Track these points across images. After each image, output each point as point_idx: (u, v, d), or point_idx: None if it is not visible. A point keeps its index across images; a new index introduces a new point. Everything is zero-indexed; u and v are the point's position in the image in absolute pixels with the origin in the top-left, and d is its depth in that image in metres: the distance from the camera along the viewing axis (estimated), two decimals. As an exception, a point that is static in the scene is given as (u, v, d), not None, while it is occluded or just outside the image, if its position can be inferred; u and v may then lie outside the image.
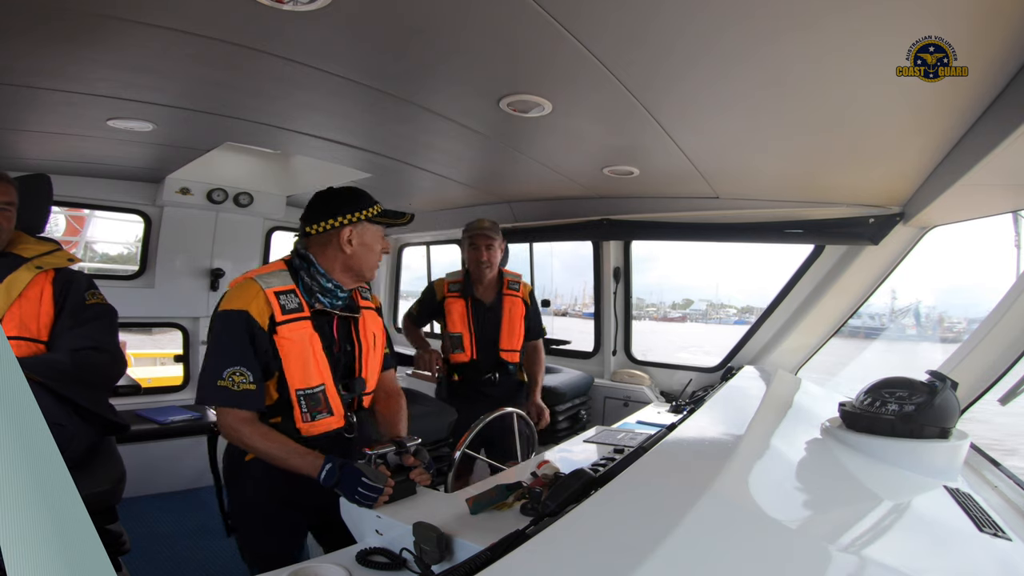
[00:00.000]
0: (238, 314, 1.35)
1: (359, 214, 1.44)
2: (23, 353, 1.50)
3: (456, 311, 2.50)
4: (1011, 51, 1.07)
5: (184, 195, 3.39)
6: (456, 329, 2.49)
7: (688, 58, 1.27)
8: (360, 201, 1.47)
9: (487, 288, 2.53)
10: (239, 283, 1.41)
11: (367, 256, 1.48)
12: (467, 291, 2.51)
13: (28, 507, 0.42)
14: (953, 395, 1.43)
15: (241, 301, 1.36)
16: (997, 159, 1.31)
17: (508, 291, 2.54)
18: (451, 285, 2.54)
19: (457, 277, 2.57)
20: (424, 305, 2.62)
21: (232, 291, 1.39)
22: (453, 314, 2.50)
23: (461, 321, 2.49)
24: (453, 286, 2.54)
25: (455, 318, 2.49)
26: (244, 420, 1.34)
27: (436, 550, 1.01)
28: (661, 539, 0.82)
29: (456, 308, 2.50)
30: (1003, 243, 1.96)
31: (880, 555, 0.94)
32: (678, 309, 17.52)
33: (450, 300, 2.51)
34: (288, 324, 1.38)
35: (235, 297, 1.37)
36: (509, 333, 2.50)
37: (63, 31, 1.37)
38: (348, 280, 1.49)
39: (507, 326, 2.50)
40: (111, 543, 1.57)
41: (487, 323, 2.49)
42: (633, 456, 1.26)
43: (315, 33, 1.31)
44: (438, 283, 2.58)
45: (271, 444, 1.34)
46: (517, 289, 2.56)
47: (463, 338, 2.48)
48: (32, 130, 2.29)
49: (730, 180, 2.32)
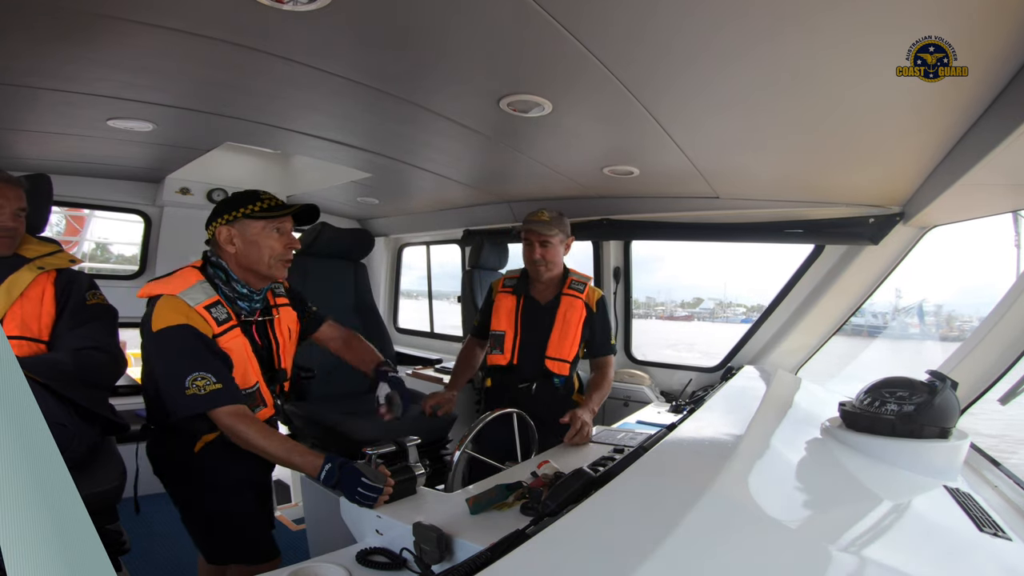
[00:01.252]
0: (180, 328, 1.38)
1: (235, 212, 1.49)
2: (24, 353, 1.50)
3: (504, 308, 2.22)
4: (1011, 51, 1.07)
5: (184, 195, 3.40)
6: (500, 327, 2.20)
7: (687, 56, 1.27)
8: (240, 200, 1.51)
9: (546, 287, 2.22)
10: (165, 301, 1.40)
11: (256, 253, 1.51)
12: (521, 288, 2.24)
13: (28, 507, 0.42)
14: (953, 395, 1.43)
15: (179, 317, 1.38)
16: (997, 159, 1.31)
17: (569, 291, 2.20)
18: (507, 281, 2.30)
19: (515, 273, 2.32)
20: (484, 310, 2.32)
21: (161, 310, 1.39)
22: (500, 311, 2.23)
23: (507, 318, 2.20)
24: (508, 282, 2.29)
25: (501, 315, 2.22)
26: (237, 416, 1.37)
27: (436, 550, 1.01)
28: (661, 539, 0.82)
29: (505, 304, 2.23)
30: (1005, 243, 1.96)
31: (880, 555, 0.94)
32: (687, 308, 17.45)
33: (501, 296, 2.25)
34: (224, 335, 1.45)
35: (168, 314, 1.38)
36: (560, 338, 2.15)
37: (63, 31, 1.37)
38: (254, 280, 1.55)
39: (559, 330, 2.15)
40: (111, 543, 1.57)
41: (537, 324, 2.17)
42: (633, 456, 1.26)
43: (315, 33, 1.31)
44: (496, 281, 2.36)
45: (270, 442, 1.36)
46: (581, 291, 2.20)
47: (504, 337, 2.18)
48: (32, 130, 2.29)
49: (730, 180, 2.32)
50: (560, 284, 2.21)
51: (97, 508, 1.45)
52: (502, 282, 2.30)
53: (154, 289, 1.44)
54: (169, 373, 1.38)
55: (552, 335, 2.14)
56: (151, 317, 1.40)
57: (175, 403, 1.37)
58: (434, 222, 3.87)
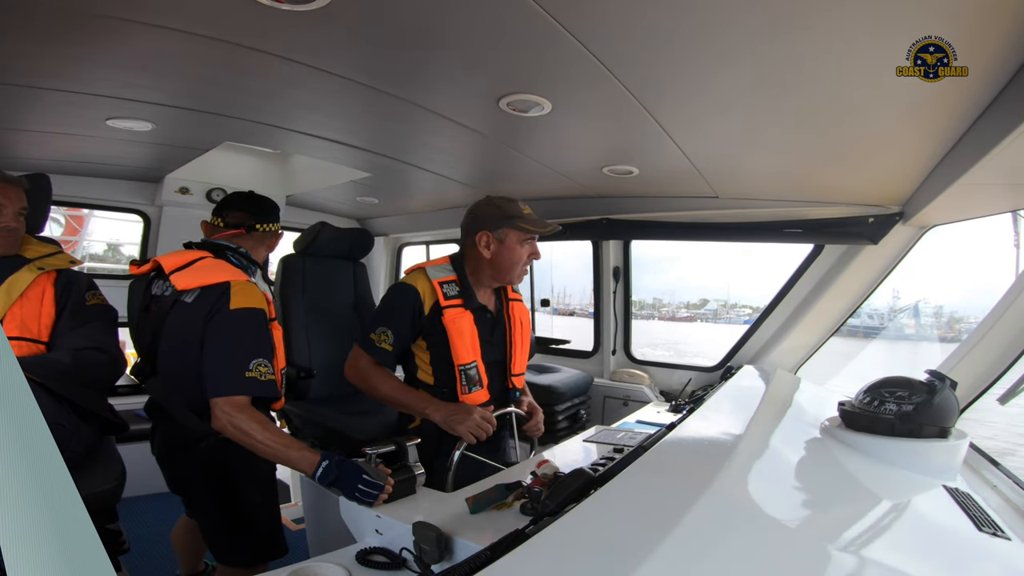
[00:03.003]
0: (259, 312, 1.50)
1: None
2: (23, 353, 1.50)
3: (466, 329, 1.67)
4: (1011, 51, 1.07)
5: (183, 195, 3.39)
6: (468, 356, 1.66)
7: (687, 55, 1.27)
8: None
9: (488, 291, 1.81)
10: (242, 284, 1.51)
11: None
12: (469, 297, 1.71)
13: (28, 507, 0.42)
14: (952, 394, 1.43)
15: (260, 301, 1.52)
16: (997, 158, 1.31)
17: (515, 296, 1.88)
18: (445, 287, 1.69)
19: (449, 275, 1.73)
20: (402, 327, 1.66)
21: (248, 290, 1.51)
22: (464, 334, 1.66)
23: (472, 343, 1.68)
24: (450, 289, 1.69)
25: (466, 340, 1.66)
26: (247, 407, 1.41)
27: (436, 550, 1.01)
28: (661, 538, 0.82)
29: (465, 325, 1.67)
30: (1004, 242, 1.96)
31: (879, 555, 0.94)
32: (693, 309, 17.42)
33: (452, 313, 1.66)
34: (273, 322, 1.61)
35: (248, 297, 1.50)
36: (521, 352, 1.84)
37: (62, 31, 1.37)
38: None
39: (519, 343, 1.82)
40: (111, 543, 1.57)
41: (494, 340, 1.77)
42: (633, 456, 1.26)
43: (314, 32, 1.31)
44: (418, 280, 1.69)
45: (269, 435, 1.36)
46: (518, 291, 1.94)
47: (477, 369, 1.68)
48: (31, 130, 2.28)
49: (729, 179, 2.32)
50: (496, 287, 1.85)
51: (97, 508, 1.46)
52: (440, 287, 1.68)
53: (217, 275, 1.52)
54: (237, 352, 1.42)
55: (515, 351, 1.80)
56: (229, 297, 1.47)
57: (226, 382, 1.38)
58: (434, 222, 3.87)
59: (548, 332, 3.80)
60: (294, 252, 3.25)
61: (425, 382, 1.74)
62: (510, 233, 1.72)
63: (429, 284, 1.69)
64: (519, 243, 1.73)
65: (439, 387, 1.71)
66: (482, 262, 1.75)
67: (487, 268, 1.75)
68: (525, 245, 1.75)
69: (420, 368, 1.75)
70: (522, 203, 1.77)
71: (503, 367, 1.81)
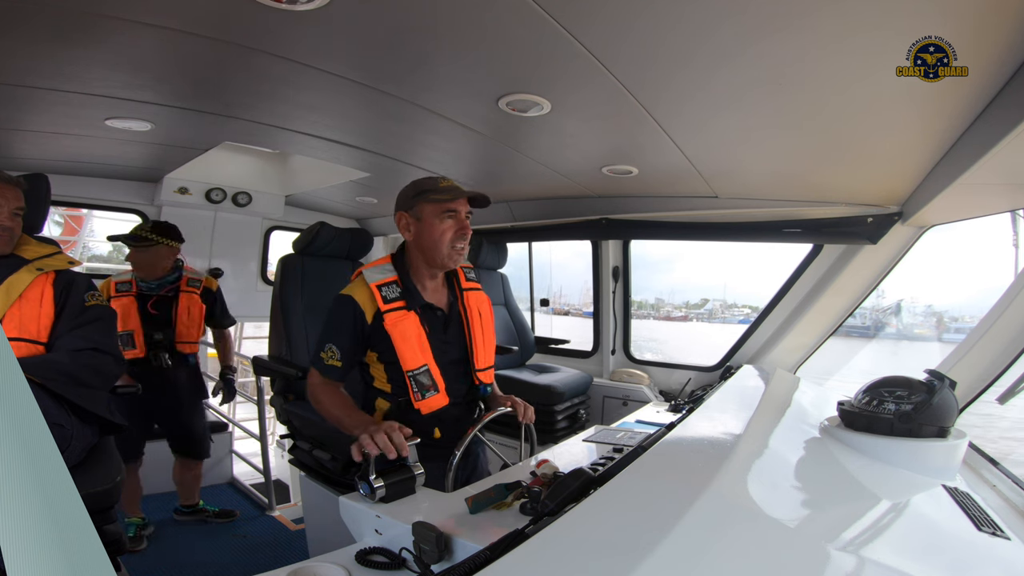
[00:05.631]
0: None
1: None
2: (23, 354, 1.49)
3: (411, 332, 1.55)
4: (1011, 51, 1.08)
5: (182, 195, 3.39)
6: (417, 361, 1.55)
7: (686, 55, 1.27)
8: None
9: (437, 284, 1.67)
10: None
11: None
12: (412, 296, 1.59)
13: (28, 507, 0.42)
14: (951, 394, 1.43)
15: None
16: (996, 158, 1.32)
17: (469, 285, 1.73)
18: (384, 289, 1.56)
19: (388, 276, 1.60)
20: (344, 342, 1.56)
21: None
22: (409, 338, 1.55)
23: (420, 344, 1.56)
24: (388, 291, 1.57)
25: (412, 343, 1.55)
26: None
27: (435, 550, 1.01)
28: (660, 538, 0.82)
29: (410, 327, 1.55)
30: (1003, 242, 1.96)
31: (878, 554, 0.94)
32: (693, 309, 17.41)
33: (393, 317, 1.54)
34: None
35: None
36: (484, 346, 1.70)
37: (61, 30, 1.37)
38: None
39: (480, 337, 1.68)
40: (111, 543, 1.57)
41: (449, 338, 1.65)
42: (632, 455, 1.26)
43: (314, 32, 1.31)
44: (356, 290, 1.58)
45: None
46: (477, 280, 1.76)
47: (431, 372, 1.57)
48: (30, 130, 2.28)
49: (728, 179, 2.32)
50: (448, 278, 1.71)
51: (96, 508, 1.45)
52: (378, 291, 1.56)
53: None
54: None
55: (475, 345, 1.67)
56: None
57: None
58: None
59: (548, 332, 3.80)
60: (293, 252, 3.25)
61: (383, 390, 1.65)
62: (425, 207, 1.58)
63: (368, 291, 1.57)
64: (436, 217, 1.57)
65: (395, 395, 1.61)
66: (412, 250, 1.63)
67: (418, 254, 1.62)
68: (446, 219, 1.57)
69: (376, 378, 1.65)
70: (446, 179, 1.62)
71: (465, 365, 1.67)
